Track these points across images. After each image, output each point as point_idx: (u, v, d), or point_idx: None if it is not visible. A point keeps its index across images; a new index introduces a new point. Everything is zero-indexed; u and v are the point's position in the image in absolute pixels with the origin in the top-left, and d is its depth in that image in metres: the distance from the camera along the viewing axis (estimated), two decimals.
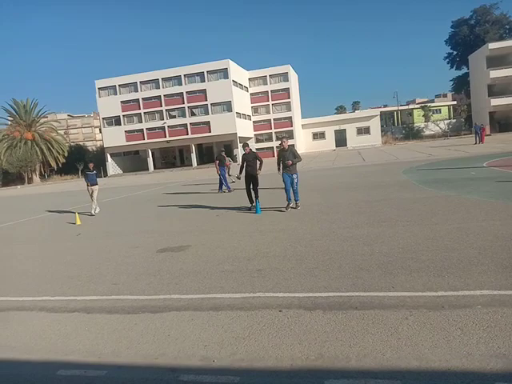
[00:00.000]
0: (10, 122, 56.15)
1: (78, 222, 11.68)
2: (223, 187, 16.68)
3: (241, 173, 11.65)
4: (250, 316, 4.09)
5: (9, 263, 7.48)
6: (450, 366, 2.88)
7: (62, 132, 66.24)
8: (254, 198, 10.88)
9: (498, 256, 5.07)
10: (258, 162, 10.96)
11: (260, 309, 4.25)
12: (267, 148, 53.31)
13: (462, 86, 63.12)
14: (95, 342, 3.87)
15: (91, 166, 14.01)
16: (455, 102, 73.87)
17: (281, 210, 10.16)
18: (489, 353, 2.99)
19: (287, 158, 9.98)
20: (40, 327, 4.40)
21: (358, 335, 3.47)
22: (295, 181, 10.11)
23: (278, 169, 10.37)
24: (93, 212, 13.41)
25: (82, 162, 13.47)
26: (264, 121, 55.40)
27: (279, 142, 12.38)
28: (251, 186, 10.96)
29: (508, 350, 3.00)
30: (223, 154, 17.34)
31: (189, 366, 3.26)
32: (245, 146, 11.53)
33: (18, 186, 48.23)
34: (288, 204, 10.24)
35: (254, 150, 11.68)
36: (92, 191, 13.60)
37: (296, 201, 10.39)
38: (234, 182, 18.69)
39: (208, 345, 3.58)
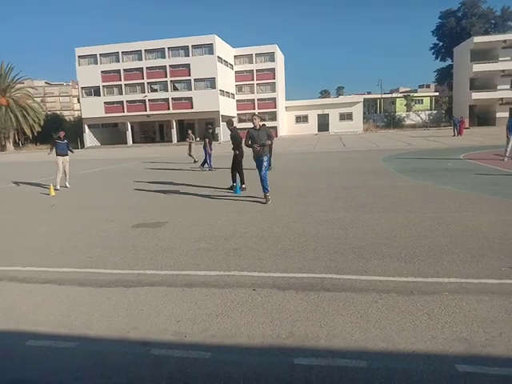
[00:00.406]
0: None
1: (52, 193, 11.43)
2: (206, 165, 16.54)
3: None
4: (223, 294, 4.13)
5: None
6: (415, 349, 2.98)
7: (38, 100, 63.94)
8: (236, 179, 10.65)
9: (468, 246, 5.24)
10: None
11: (234, 287, 4.28)
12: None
13: (445, 77, 63.82)
14: (66, 314, 3.84)
15: (62, 134, 12.93)
16: (437, 94, 74.73)
17: (258, 200, 9.33)
18: (452, 337, 3.12)
19: (259, 138, 8.63)
20: (10, 297, 4.32)
21: (329, 316, 3.55)
22: (264, 164, 8.76)
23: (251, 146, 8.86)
24: (67, 184, 12.89)
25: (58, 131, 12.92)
26: (248, 100, 54.89)
27: (262, 123, 12.14)
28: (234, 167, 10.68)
29: (469, 334, 3.13)
30: (210, 131, 17.07)
31: (161, 341, 3.28)
32: (230, 123, 10.96)
33: None
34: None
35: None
36: (63, 163, 12.70)
37: (264, 191, 8.81)
38: (196, 161, 18.70)
39: (181, 320, 3.60)
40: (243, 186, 10.62)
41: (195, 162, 14.19)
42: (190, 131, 19.68)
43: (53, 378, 2.87)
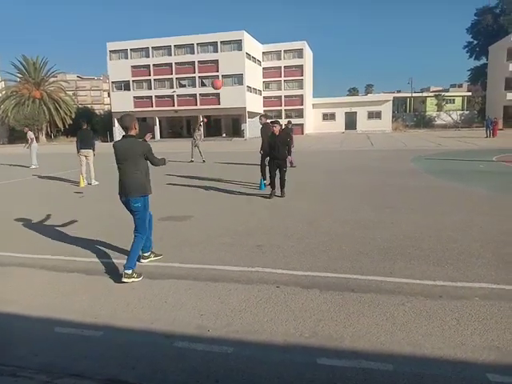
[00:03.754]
0: (18, 79, 55.57)
1: (82, 185, 11.70)
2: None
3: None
4: (247, 289, 4.12)
5: (10, 220, 7.52)
6: (443, 354, 2.89)
7: (70, 93, 65.57)
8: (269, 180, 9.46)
9: (500, 251, 5.04)
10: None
11: (257, 283, 4.27)
12: None
13: (478, 77, 61.79)
14: (93, 303, 3.92)
15: (85, 126, 12.20)
16: (470, 93, 72.44)
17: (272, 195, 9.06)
18: (482, 344, 3.00)
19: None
20: (40, 284, 4.45)
21: (354, 317, 3.49)
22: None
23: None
24: (93, 182, 11.89)
25: (86, 122, 12.66)
26: (274, 97, 54.75)
27: (287, 120, 12.01)
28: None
29: (502, 343, 3.01)
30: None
31: (184, 334, 3.30)
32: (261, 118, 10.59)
33: (24, 144, 48.25)
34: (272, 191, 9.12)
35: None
36: (86, 157, 11.81)
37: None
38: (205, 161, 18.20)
39: (204, 314, 3.62)
40: (265, 182, 10.51)
41: (204, 161, 14.56)
42: (197, 129, 19.02)
43: (78, 364, 2.92)
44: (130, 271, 4.37)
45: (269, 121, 10.97)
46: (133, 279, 4.37)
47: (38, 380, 2.66)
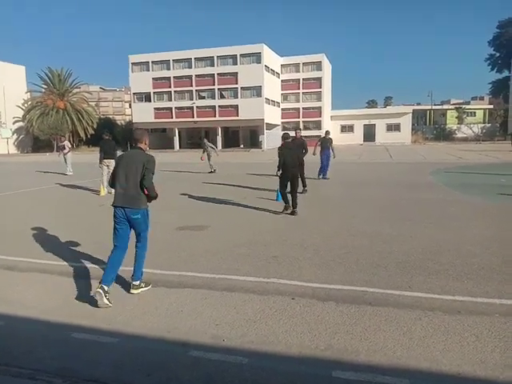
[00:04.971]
0: (44, 90, 57.28)
1: (102, 193, 11.91)
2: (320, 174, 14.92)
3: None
4: (262, 300, 4.12)
5: (29, 226, 7.70)
6: (461, 371, 2.83)
7: (92, 104, 67.21)
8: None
9: None
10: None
11: (273, 294, 4.26)
12: (293, 137, 52.82)
13: (501, 89, 60.88)
14: (109, 310, 3.97)
15: (107, 136, 12.38)
16: (492, 106, 71.28)
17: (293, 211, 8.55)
18: (503, 362, 2.93)
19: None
20: (57, 290, 4.53)
21: (370, 331, 3.45)
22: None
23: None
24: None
25: (109, 133, 12.91)
26: (293, 109, 54.90)
27: (297, 131, 11.79)
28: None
29: None
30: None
31: (199, 343, 3.31)
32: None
33: (47, 153, 49.35)
34: (285, 207, 8.67)
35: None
36: (108, 166, 11.64)
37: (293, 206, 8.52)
38: (213, 171, 18.23)
39: (219, 324, 3.63)
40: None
41: (213, 171, 14.83)
42: (205, 140, 19.08)
43: (94, 370, 2.97)
44: (137, 282, 4.42)
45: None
46: (141, 289, 4.41)
47: None
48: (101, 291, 4.01)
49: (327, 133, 15.70)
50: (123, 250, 4.40)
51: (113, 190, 4.53)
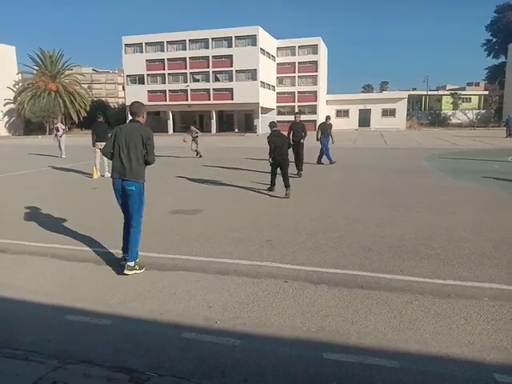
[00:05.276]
0: (35, 72, 56.26)
1: (95, 176, 11.83)
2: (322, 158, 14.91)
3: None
4: (255, 283, 4.15)
5: (23, 209, 7.65)
6: (450, 353, 2.88)
7: (85, 86, 66.17)
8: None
9: None
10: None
11: (266, 277, 4.29)
12: (288, 121, 52.56)
13: (496, 75, 60.77)
14: (103, 293, 3.98)
15: (100, 119, 12.23)
16: (487, 92, 71.23)
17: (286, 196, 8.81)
18: (490, 344, 2.99)
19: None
20: (51, 273, 4.53)
21: (361, 313, 3.49)
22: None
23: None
24: (106, 174, 11.47)
25: (101, 116, 12.69)
26: (288, 93, 54.53)
27: (296, 115, 12.23)
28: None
29: (510, 343, 2.99)
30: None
31: (192, 325, 3.34)
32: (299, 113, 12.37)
33: (39, 136, 48.79)
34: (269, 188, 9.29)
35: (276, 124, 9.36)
36: (100, 149, 10.73)
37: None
38: (201, 156, 18.06)
39: (212, 306, 3.65)
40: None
41: (200, 156, 15.11)
42: (192, 126, 18.99)
43: (88, 351, 2.98)
44: (132, 263, 4.42)
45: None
46: (135, 271, 4.41)
47: (49, 365, 2.72)
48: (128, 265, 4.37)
49: (327, 118, 15.57)
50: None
51: (106, 174, 4.54)
